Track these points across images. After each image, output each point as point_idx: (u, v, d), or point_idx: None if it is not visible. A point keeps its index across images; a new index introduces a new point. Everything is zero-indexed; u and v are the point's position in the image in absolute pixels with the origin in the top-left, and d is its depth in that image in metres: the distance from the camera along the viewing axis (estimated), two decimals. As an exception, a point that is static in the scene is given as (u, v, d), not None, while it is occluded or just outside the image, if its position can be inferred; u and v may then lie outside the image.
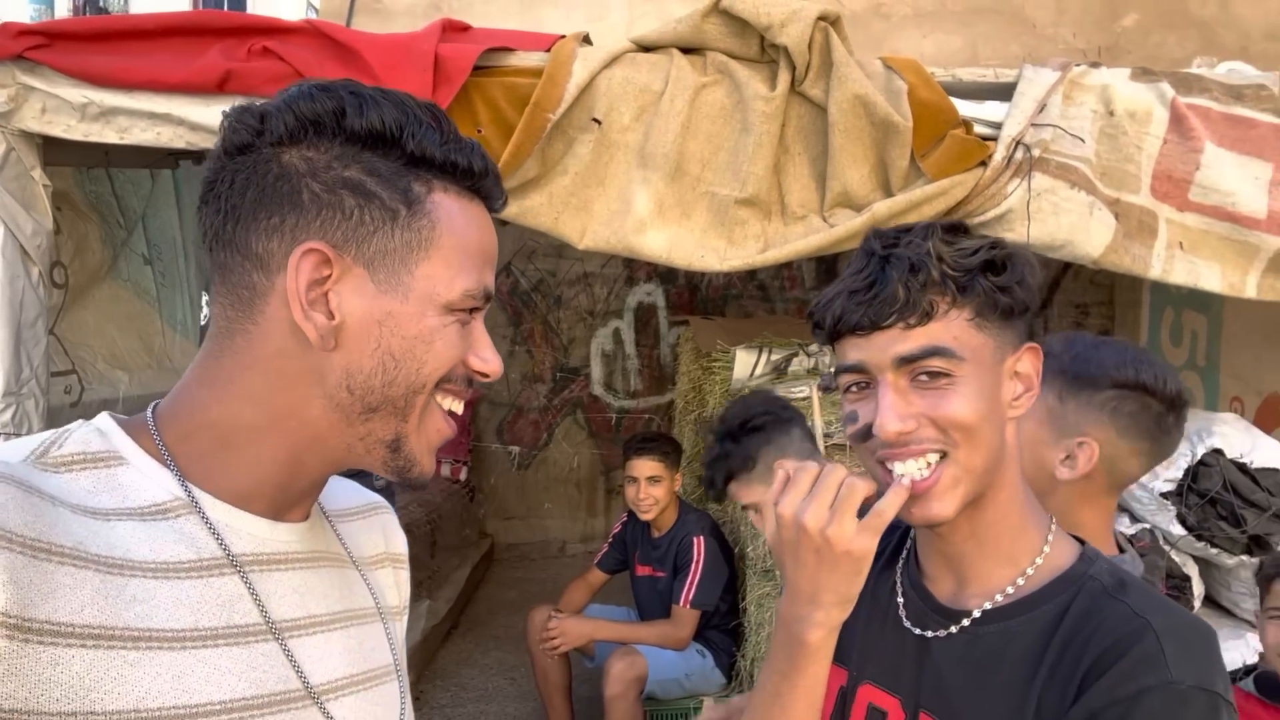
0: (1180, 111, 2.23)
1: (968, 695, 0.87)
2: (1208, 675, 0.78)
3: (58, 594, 0.57)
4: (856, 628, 0.97)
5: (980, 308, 0.85)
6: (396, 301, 0.68)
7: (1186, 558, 2.43)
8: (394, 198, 0.68)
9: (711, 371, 3.24)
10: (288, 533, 0.72)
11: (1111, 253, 2.24)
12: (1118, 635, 0.79)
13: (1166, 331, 4.51)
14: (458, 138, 0.71)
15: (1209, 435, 2.37)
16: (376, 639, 0.79)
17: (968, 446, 0.84)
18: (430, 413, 0.70)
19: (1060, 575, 0.87)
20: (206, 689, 0.62)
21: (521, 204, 2.20)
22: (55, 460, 0.64)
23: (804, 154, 2.23)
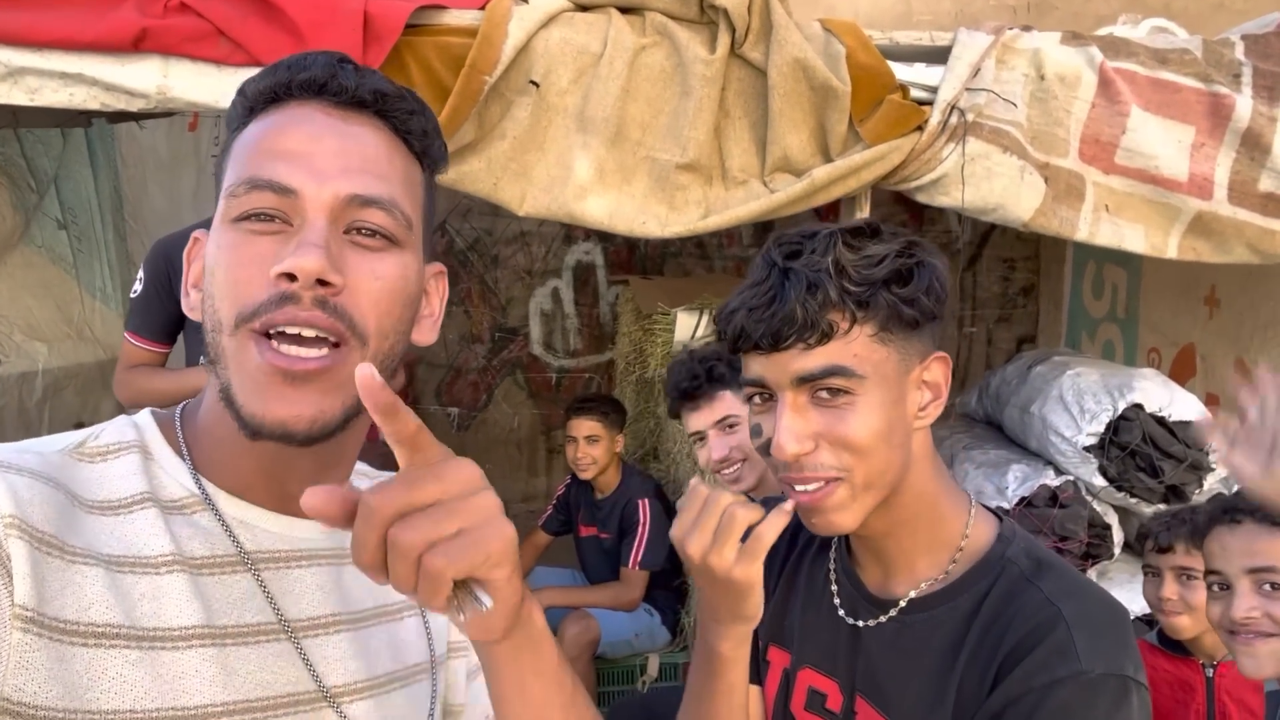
0: (1108, 76, 2.28)
1: (897, 681, 0.91)
2: (1117, 661, 0.82)
3: (67, 591, 0.58)
4: (795, 613, 1.01)
5: (884, 321, 0.85)
6: (207, 246, 0.67)
7: (1107, 507, 2.55)
8: (221, 161, 0.69)
9: (652, 333, 3.25)
10: (308, 529, 0.70)
11: (1040, 216, 2.30)
12: (1032, 624, 0.83)
13: (1089, 285, 4.67)
14: (274, 68, 0.68)
15: (1130, 391, 2.47)
16: (411, 635, 0.77)
17: (863, 467, 0.84)
18: (242, 353, 0.63)
19: (980, 560, 0.90)
20: (210, 690, 0.61)
21: (459, 169, 2.15)
22: (91, 450, 0.65)
23: (744, 118, 2.22)
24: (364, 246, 0.65)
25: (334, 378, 0.63)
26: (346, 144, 0.65)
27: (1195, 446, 2.43)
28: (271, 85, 0.67)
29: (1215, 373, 3.60)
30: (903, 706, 0.90)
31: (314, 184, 0.63)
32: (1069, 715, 0.80)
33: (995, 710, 0.83)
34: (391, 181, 0.67)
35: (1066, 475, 2.57)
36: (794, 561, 1.05)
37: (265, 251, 0.62)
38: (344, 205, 0.64)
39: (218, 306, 0.63)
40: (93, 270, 2.92)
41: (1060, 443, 2.56)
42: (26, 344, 2.54)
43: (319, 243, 0.61)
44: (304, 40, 2.06)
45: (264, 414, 0.62)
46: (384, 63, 2.08)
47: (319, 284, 0.61)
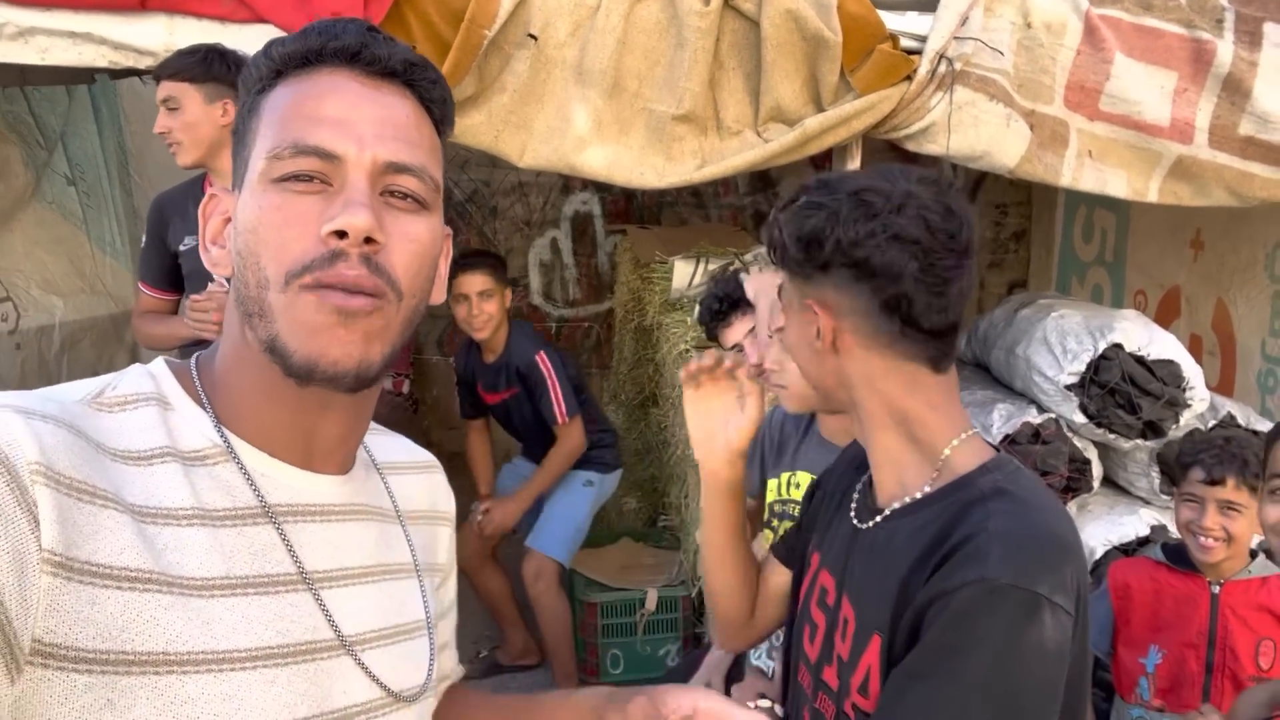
0: (1093, 23, 2.33)
1: (866, 581, 1.01)
2: (1030, 577, 0.87)
3: (99, 535, 0.59)
4: (835, 524, 1.11)
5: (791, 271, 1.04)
6: (239, 203, 0.69)
7: (1087, 443, 2.65)
8: (246, 119, 0.71)
9: (650, 281, 3.32)
10: (324, 484, 0.72)
11: (1026, 162, 2.37)
12: (962, 536, 0.90)
13: (1079, 229, 4.73)
14: (303, 33, 0.69)
15: (1110, 331, 2.56)
16: (409, 594, 0.79)
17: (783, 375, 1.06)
18: (295, 306, 0.64)
19: (954, 481, 0.98)
20: (234, 636, 0.63)
21: (461, 123, 2.21)
22: (110, 400, 0.66)
23: (738, 69, 2.28)
24: (398, 208, 0.68)
25: (378, 321, 0.66)
26: (382, 112, 0.68)
27: (1172, 384, 2.53)
28: (303, 50, 0.68)
29: (1199, 314, 3.69)
30: (864, 601, 0.99)
31: (355, 149, 0.66)
32: (969, 618, 0.86)
33: (921, 607, 0.90)
34: (421, 148, 0.70)
35: (1049, 413, 2.68)
36: (849, 486, 1.14)
37: (310, 210, 0.65)
38: (382, 170, 0.67)
39: (263, 264, 0.65)
40: (102, 225, 2.98)
41: (1043, 382, 2.66)
42: (43, 298, 2.62)
43: (366, 203, 0.64)
44: (307, -3, 2.11)
45: (320, 355, 0.64)
46: (384, 18, 2.12)
47: (366, 242, 0.64)
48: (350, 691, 0.70)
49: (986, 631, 0.86)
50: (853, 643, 1.00)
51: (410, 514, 0.83)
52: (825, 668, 1.05)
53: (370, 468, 0.80)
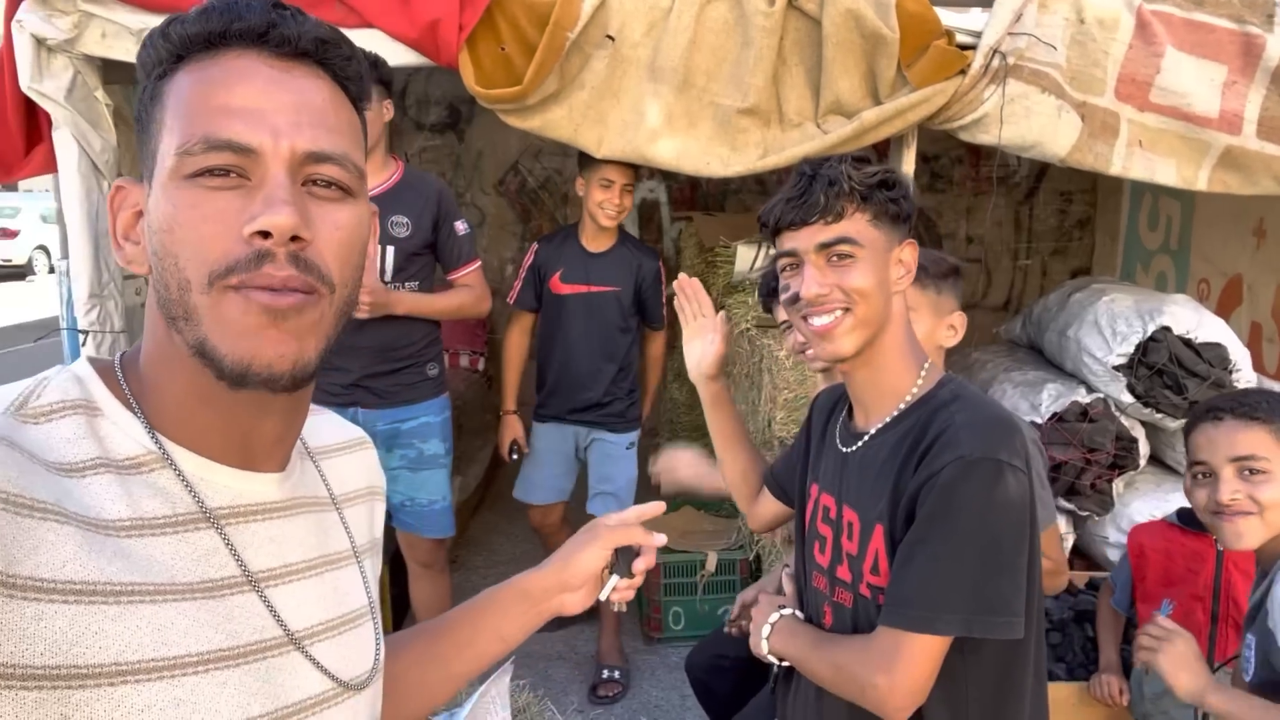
0: (1145, 18, 2.43)
1: (862, 488, 1.25)
2: (992, 448, 1.12)
3: (40, 550, 0.57)
4: (825, 457, 1.36)
5: (876, 213, 1.21)
6: (149, 199, 0.65)
7: (1135, 422, 2.76)
8: (148, 106, 0.67)
9: (714, 265, 3.49)
10: (263, 483, 0.71)
11: (1076, 152, 2.48)
12: (937, 432, 1.15)
13: (1144, 216, 4.75)
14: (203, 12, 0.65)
15: (1159, 314, 2.66)
16: (351, 582, 0.79)
17: (863, 305, 1.20)
18: (221, 307, 0.62)
19: (921, 398, 1.24)
20: (185, 641, 0.62)
21: (544, 117, 2.43)
22: (35, 411, 0.63)
23: (800, 65, 2.44)
24: (321, 198, 0.65)
25: (310, 317, 0.64)
26: (296, 98, 0.65)
27: (1219, 366, 2.62)
28: (205, 31, 0.64)
29: (1260, 302, 3.72)
30: (863, 504, 1.24)
31: (271, 141, 0.63)
32: (953, 489, 1.11)
33: (913, 492, 1.15)
34: (341, 133, 0.67)
35: (1097, 393, 2.79)
36: (831, 423, 1.40)
37: (228, 207, 0.62)
38: (302, 160, 0.64)
39: (182, 266, 0.62)
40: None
41: (1092, 363, 2.77)
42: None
43: (288, 199, 0.62)
44: (408, 4, 2.34)
45: (252, 357, 0.62)
46: (477, 23, 2.34)
47: (292, 239, 0.62)
48: (302, 686, 0.70)
49: (968, 495, 1.11)
50: (859, 538, 1.24)
51: (346, 496, 0.83)
52: (838, 567, 1.28)
53: (305, 457, 0.79)
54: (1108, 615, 2.18)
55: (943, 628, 1.12)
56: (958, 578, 1.11)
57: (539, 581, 0.96)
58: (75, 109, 2.38)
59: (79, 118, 2.38)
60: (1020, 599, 1.13)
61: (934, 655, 1.13)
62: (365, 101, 0.73)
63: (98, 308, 2.49)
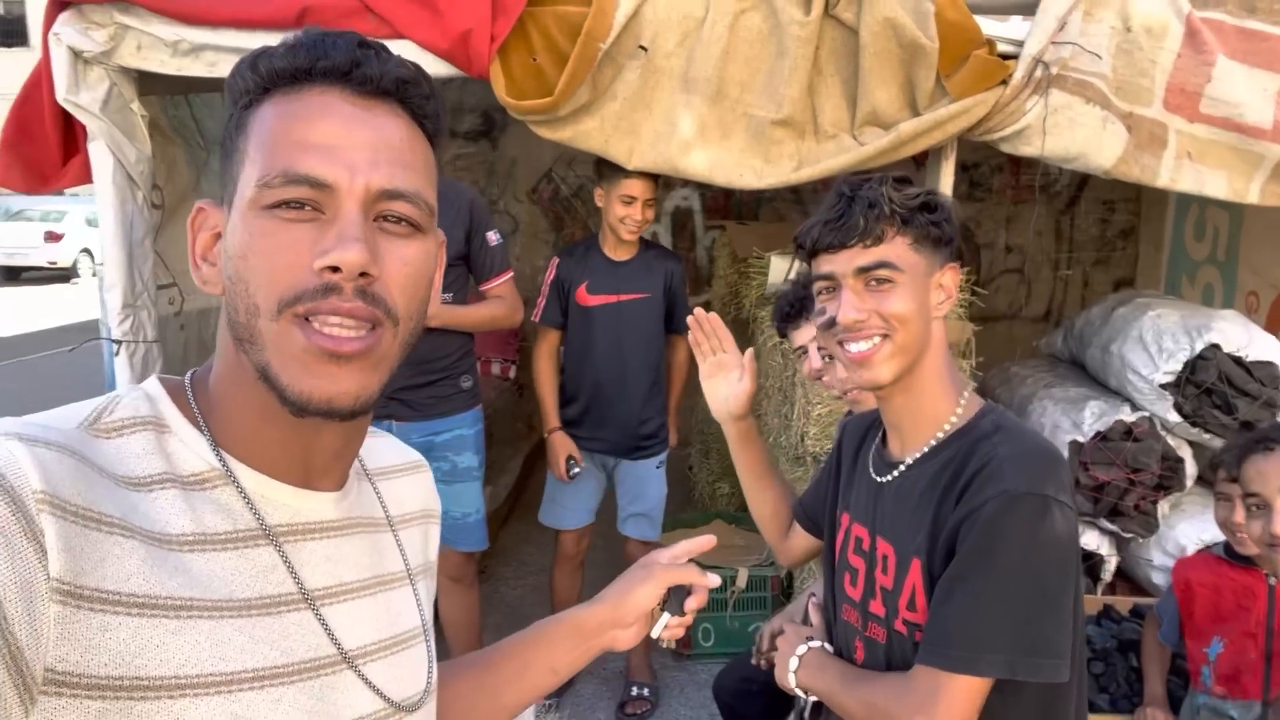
0: (1195, 26, 2.35)
1: (898, 520, 1.20)
2: (1038, 484, 1.07)
3: (107, 562, 0.59)
4: (857, 485, 1.32)
5: (917, 236, 1.17)
6: (227, 224, 0.67)
7: (1181, 442, 2.67)
8: (233, 134, 0.69)
9: (747, 276, 3.45)
10: (321, 502, 0.73)
11: (1122, 164, 2.40)
12: (979, 465, 1.10)
13: (1190, 227, 4.62)
14: (291, 48, 0.67)
15: (1207, 331, 2.58)
16: (405, 603, 0.80)
17: (902, 331, 1.15)
18: (285, 336, 0.64)
19: (961, 428, 1.19)
20: (242, 657, 0.64)
21: (575, 128, 2.40)
22: (108, 426, 0.66)
23: (836, 75, 2.39)
24: (391, 233, 0.67)
25: (373, 356, 0.66)
26: (374, 136, 0.67)
27: (1270, 385, 2.53)
28: (291, 68, 0.66)
29: (1313, 316, 3.60)
30: (900, 536, 1.20)
31: (347, 177, 0.65)
32: (998, 524, 1.07)
33: (954, 526, 1.11)
34: (415, 171, 0.69)
35: (1143, 412, 2.70)
36: (863, 450, 1.35)
37: (301, 239, 0.64)
38: (375, 197, 0.66)
39: (253, 291, 0.64)
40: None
41: (1138, 380, 2.69)
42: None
43: (359, 236, 0.64)
44: (440, 15, 2.33)
45: (312, 392, 0.64)
46: (509, 33, 2.32)
47: (360, 275, 0.64)
48: (354, 705, 0.71)
49: (1012, 531, 1.06)
50: (895, 572, 1.19)
51: (403, 518, 0.85)
52: (871, 601, 1.24)
53: (362, 477, 0.81)
54: (1154, 648, 2.10)
55: (985, 669, 1.08)
56: (1000, 617, 1.07)
57: (593, 617, 0.96)
58: (111, 121, 2.39)
59: (114, 129, 2.40)
60: (1066, 640, 1.09)
61: (975, 697, 1.09)
62: (442, 138, 0.75)
63: (131, 318, 2.51)
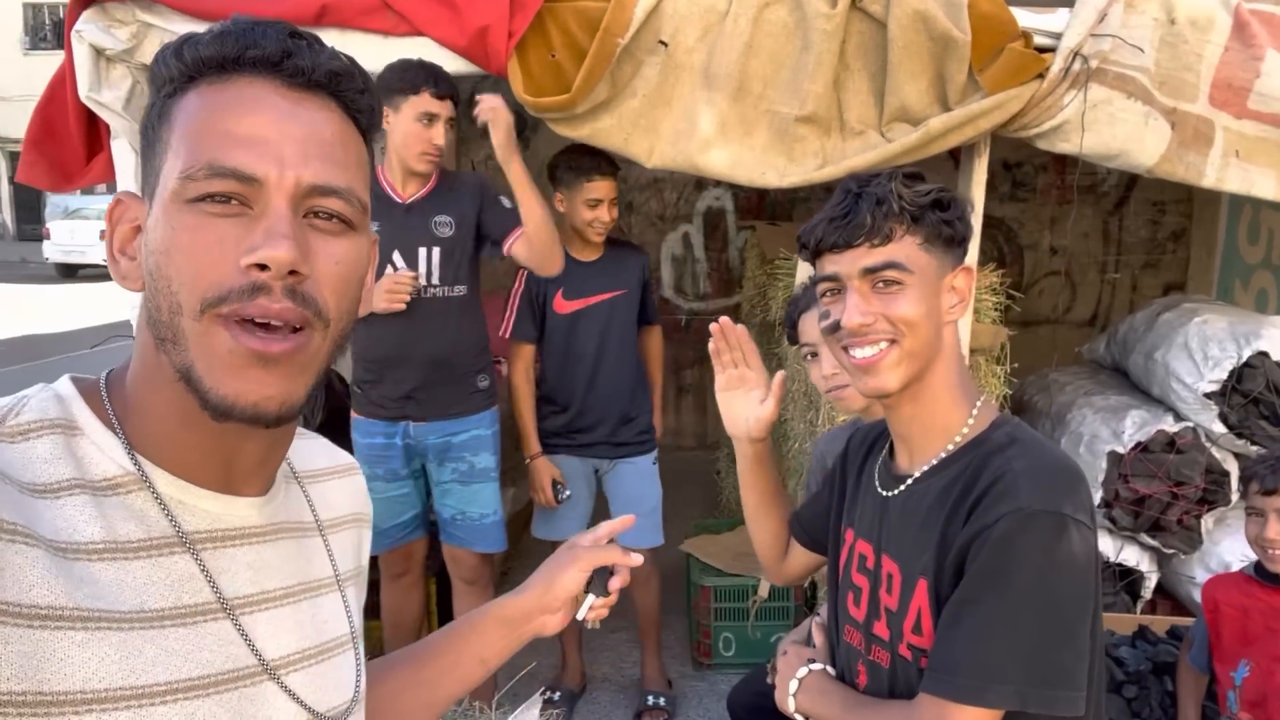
0: (1243, 18, 2.23)
1: (904, 537, 1.13)
2: (1055, 501, 1.00)
3: (6, 573, 0.56)
4: (861, 500, 1.24)
5: (928, 235, 1.09)
6: (149, 218, 0.64)
7: (1227, 454, 2.54)
8: (155, 123, 0.66)
9: (775, 278, 3.38)
10: (244, 507, 0.70)
11: (1165, 162, 2.30)
12: (991, 479, 1.03)
13: (1244, 230, 4.45)
14: (219, 35, 0.64)
15: (1255, 339, 2.45)
16: (332, 609, 0.78)
17: (910, 336, 1.08)
18: (210, 337, 0.61)
19: (972, 440, 1.11)
20: (153, 670, 0.61)
21: (594, 125, 2.35)
22: (11, 430, 0.62)
23: (863, 70, 2.31)
24: (322, 230, 0.65)
25: (301, 359, 0.64)
26: (305, 130, 0.64)
27: (1324, 396, 2.39)
28: (219, 55, 0.63)
29: (1373, 323, 3.43)
30: (905, 554, 1.12)
31: (276, 171, 0.62)
32: (1011, 544, 1.00)
33: (963, 545, 1.03)
34: (347, 167, 0.66)
35: (1186, 422, 2.58)
36: (867, 465, 1.28)
37: (226, 235, 0.61)
38: (305, 193, 0.63)
39: (175, 289, 0.61)
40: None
41: (1181, 389, 2.57)
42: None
43: (289, 233, 0.61)
44: (459, 11, 2.29)
45: (236, 396, 0.61)
46: (527, 29, 2.28)
47: (290, 273, 0.61)
48: (275, 717, 0.69)
49: (1026, 552, 0.99)
50: (900, 593, 1.12)
51: (333, 521, 0.82)
52: (875, 623, 1.16)
53: (290, 480, 0.79)
54: (1187, 673, 2.00)
55: (994, 700, 1.00)
56: (1012, 644, 1.00)
57: (519, 606, 0.96)
58: (133, 118, 2.40)
59: (136, 127, 2.41)
60: (1083, 671, 1.01)
61: None
62: (375, 132, 0.72)
63: (153, 315, 2.52)
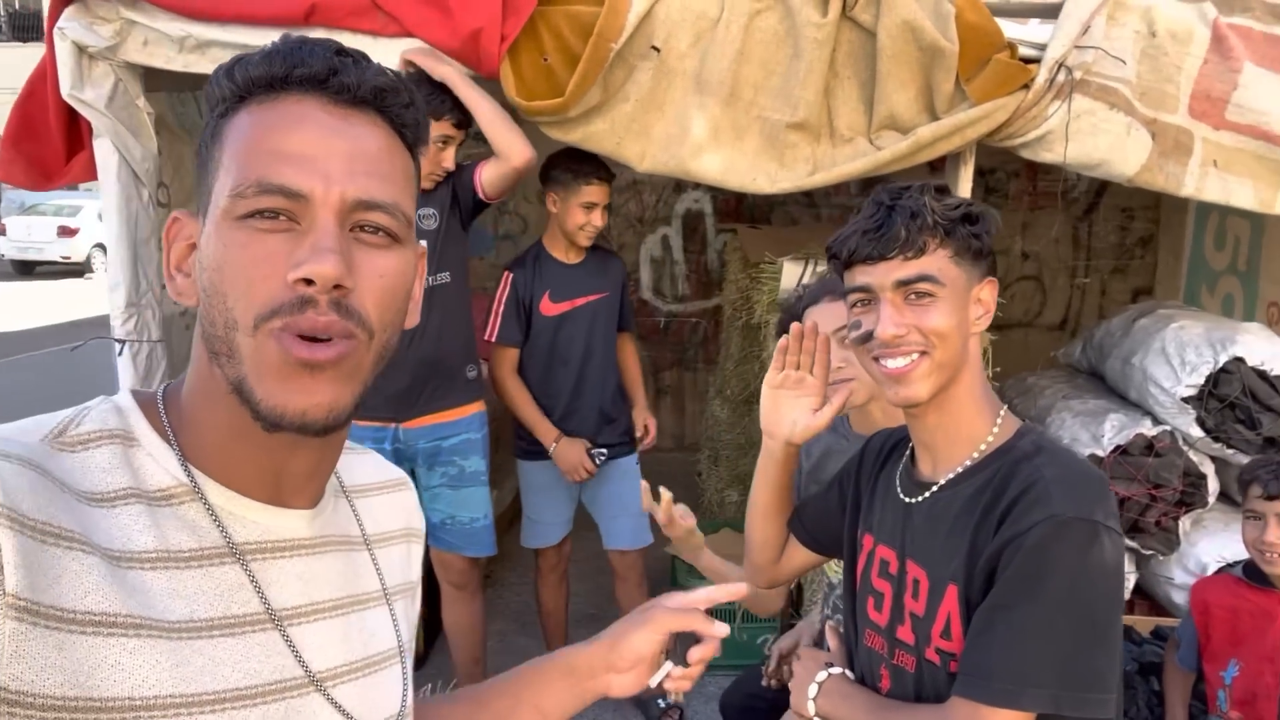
0: (1221, 32, 2.29)
1: (930, 542, 1.15)
2: (1087, 508, 1.03)
3: (64, 579, 0.58)
4: (881, 506, 1.26)
5: (958, 248, 1.12)
6: (203, 235, 0.66)
7: (1204, 457, 2.60)
8: (208, 143, 0.68)
9: (759, 281, 3.40)
10: (294, 519, 0.72)
11: (1146, 171, 2.35)
12: (1022, 487, 1.05)
13: (1211, 236, 4.55)
14: (268, 55, 0.66)
15: (1231, 344, 2.51)
16: (380, 623, 0.79)
17: (941, 348, 1.10)
18: (262, 350, 0.63)
19: (998, 448, 1.14)
20: (201, 679, 0.62)
21: (586, 130, 2.36)
22: (72, 439, 0.65)
23: (853, 78, 2.34)
24: (367, 244, 0.66)
25: (347, 367, 0.65)
26: (351, 145, 0.66)
27: (1297, 400, 2.46)
28: (267, 75, 0.65)
29: (1336, 328, 3.53)
30: (933, 560, 1.15)
31: (323, 187, 0.64)
32: (1046, 550, 1.02)
33: (995, 552, 1.06)
34: (393, 181, 0.68)
35: (1164, 425, 2.64)
36: (886, 469, 1.30)
37: (276, 250, 0.63)
38: (351, 208, 0.65)
39: (230, 305, 0.63)
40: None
41: (1159, 394, 2.62)
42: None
43: (334, 248, 0.63)
44: (450, 13, 2.29)
45: (286, 405, 0.63)
46: (519, 33, 2.28)
47: (335, 287, 0.63)
48: None
49: (1060, 558, 1.01)
50: (928, 598, 1.14)
51: (381, 536, 0.83)
52: (899, 627, 1.18)
53: (339, 494, 0.80)
54: (1175, 673, 2.04)
55: (1028, 703, 1.03)
56: (1046, 649, 1.02)
57: (585, 658, 0.90)
58: (116, 117, 2.36)
59: (120, 126, 2.37)
60: (1114, 674, 1.04)
61: None
62: (422, 146, 0.74)
63: (135, 317, 2.48)
